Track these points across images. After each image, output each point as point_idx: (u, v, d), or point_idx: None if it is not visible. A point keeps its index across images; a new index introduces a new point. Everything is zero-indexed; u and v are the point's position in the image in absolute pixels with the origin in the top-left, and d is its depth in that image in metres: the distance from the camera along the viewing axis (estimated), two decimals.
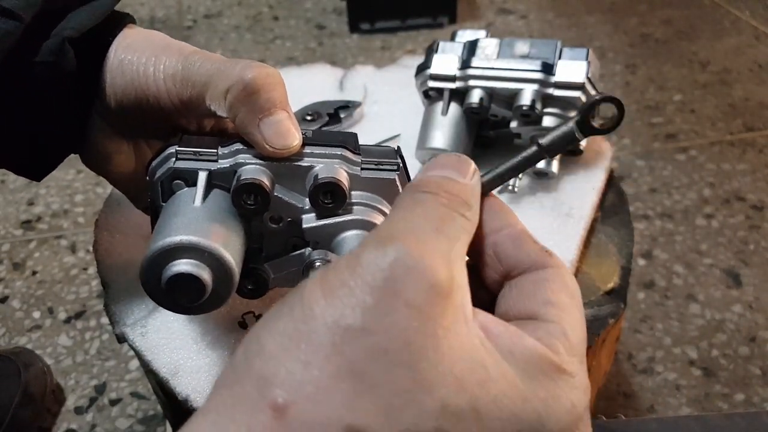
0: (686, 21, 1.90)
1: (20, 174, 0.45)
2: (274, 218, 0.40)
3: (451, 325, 0.22)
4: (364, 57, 1.80)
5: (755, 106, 1.55)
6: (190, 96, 0.40)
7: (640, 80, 1.65)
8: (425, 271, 0.22)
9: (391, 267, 0.22)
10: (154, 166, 0.40)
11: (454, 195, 0.27)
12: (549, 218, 0.61)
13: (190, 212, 0.37)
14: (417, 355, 0.21)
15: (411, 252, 0.22)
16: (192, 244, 0.35)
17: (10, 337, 1.08)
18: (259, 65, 0.38)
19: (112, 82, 0.41)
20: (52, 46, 0.39)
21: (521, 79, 0.61)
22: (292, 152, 0.38)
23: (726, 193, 1.31)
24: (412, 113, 0.70)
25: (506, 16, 1.98)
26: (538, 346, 0.24)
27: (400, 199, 0.27)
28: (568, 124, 0.30)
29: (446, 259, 0.23)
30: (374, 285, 0.22)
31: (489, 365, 0.22)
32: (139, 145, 0.46)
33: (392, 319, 0.21)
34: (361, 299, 0.21)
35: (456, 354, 0.22)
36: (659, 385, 0.98)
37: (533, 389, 0.23)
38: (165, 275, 0.35)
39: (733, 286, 1.12)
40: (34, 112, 0.41)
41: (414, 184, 0.27)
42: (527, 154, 0.31)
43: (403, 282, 0.22)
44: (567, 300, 0.27)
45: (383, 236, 0.23)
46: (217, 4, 2.10)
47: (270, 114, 0.38)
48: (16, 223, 1.31)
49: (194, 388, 0.47)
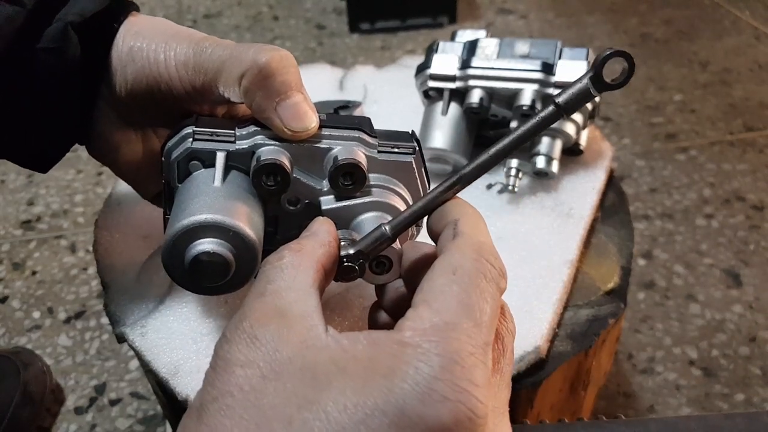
0: (686, 21, 1.90)
1: (25, 166, 0.44)
2: (292, 200, 0.40)
3: (291, 354, 0.26)
4: (364, 57, 1.80)
5: (755, 106, 1.55)
6: (203, 82, 0.39)
7: (640, 80, 1.65)
8: (246, 334, 0.27)
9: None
10: (170, 146, 0.40)
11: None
12: (549, 218, 0.61)
13: (211, 192, 0.37)
14: (258, 395, 0.25)
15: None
16: (216, 222, 0.35)
17: (10, 337, 1.08)
18: (272, 48, 0.38)
19: (122, 70, 0.41)
20: (55, 32, 0.38)
21: (521, 79, 0.61)
22: (310, 134, 0.38)
23: (726, 193, 1.31)
24: (412, 113, 0.70)
25: (506, 16, 1.98)
26: (376, 336, 0.26)
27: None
28: (582, 81, 0.30)
29: (269, 309, 0.28)
30: (210, 368, 0.28)
31: (330, 372, 0.25)
32: (147, 134, 0.45)
33: (231, 378, 0.26)
34: (206, 381, 0.28)
35: (298, 377, 0.25)
36: (659, 385, 0.98)
37: (373, 369, 0.25)
38: (188, 255, 0.35)
39: (733, 286, 1.12)
40: (38, 99, 0.40)
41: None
42: (545, 114, 0.31)
43: (230, 349, 0.27)
44: (442, 280, 0.28)
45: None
46: (217, 4, 2.10)
47: (287, 97, 0.37)
48: (16, 223, 1.31)
49: (194, 388, 0.47)
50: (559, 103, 0.30)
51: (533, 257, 0.57)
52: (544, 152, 0.62)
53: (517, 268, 0.55)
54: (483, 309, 0.27)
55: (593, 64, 0.30)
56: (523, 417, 0.52)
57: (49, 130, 0.42)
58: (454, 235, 0.30)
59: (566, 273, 0.55)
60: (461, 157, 0.64)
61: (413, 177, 0.41)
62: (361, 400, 0.24)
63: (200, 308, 0.52)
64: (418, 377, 0.24)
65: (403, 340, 0.26)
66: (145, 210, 0.61)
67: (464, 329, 0.26)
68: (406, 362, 0.25)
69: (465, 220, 0.31)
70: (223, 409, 0.25)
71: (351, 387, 0.25)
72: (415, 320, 0.26)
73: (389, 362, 0.25)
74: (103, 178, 1.40)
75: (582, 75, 0.30)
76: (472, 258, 0.28)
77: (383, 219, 0.38)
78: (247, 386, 0.25)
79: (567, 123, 0.61)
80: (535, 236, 0.58)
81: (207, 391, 0.26)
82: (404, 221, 0.33)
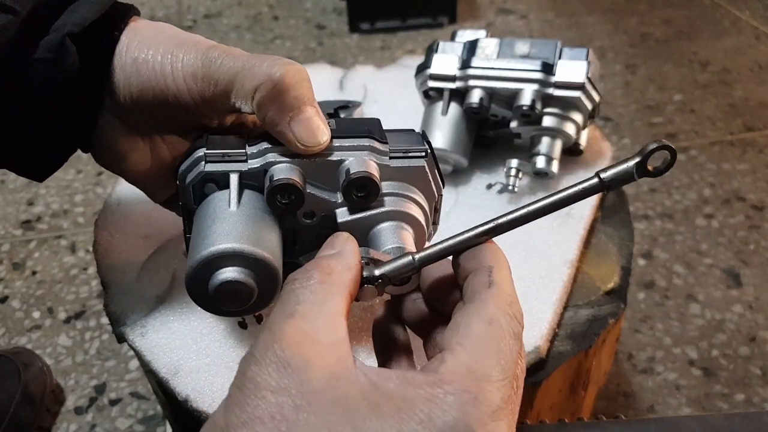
0: (686, 21, 1.90)
1: (22, 174, 0.44)
2: (308, 214, 0.40)
3: (323, 385, 0.26)
4: (364, 57, 1.80)
5: (755, 106, 1.55)
6: (213, 94, 0.39)
7: (640, 80, 1.65)
8: (277, 358, 0.26)
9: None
10: (184, 170, 0.40)
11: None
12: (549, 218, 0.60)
13: (228, 218, 0.37)
14: (290, 426, 0.25)
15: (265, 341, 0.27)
16: (236, 251, 0.35)
17: (10, 337, 1.08)
18: (286, 62, 0.38)
19: (127, 82, 0.40)
20: (52, 43, 0.38)
21: (521, 79, 0.61)
22: (322, 148, 0.38)
23: (726, 193, 1.31)
24: (412, 113, 0.70)
25: (506, 16, 1.98)
26: (410, 376, 0.27)
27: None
28: (629, 164, 0.32)
29: (299, 333, 0.27)
30: (236, 388, 0.27)
31: (362, 409, 0.25)
32: (155, 141, 0.45)
33: (262, 404, 0.25)
34: (233, 401, 0.26)
35: (330, 411, 0.25)
36: (659, 385, 0.98)
37: (408, 411, 0.25)
38: (212, 284, 0.36)
39: (733, 286, 1.12)
40: (34, 110, 0.40)
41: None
42: (586, 185, 0.33)
43: (260, 373, 0.26)
44: (479, 328, 0.29)
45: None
46: (217, 4, 2.10)
47: (300, 112, 0.37)
48: (16, 223, 1.31)
49: (194, 388, 0.47)
50: (603, 179, 0.32)
51: (533, 257, 0.57)
52: (544, 152, 0.62)
53: (517, 268, 0.55)
54: (510, 364, 0.28)
55: (641, 152, 0.32)
56: (523, 417, 0.52)
57: (47, 141, 0.42)
58: (489, 283, 0.31)
59: (566, 273, 0.55)
60: (461, 157, 0.64)
61: (427, 180, 0.41)
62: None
63: (200, 308, 0.52)
64: (454, 428, 0.25)
65: (440, 383, 0.26)
66: (145, 210, 0.61)
67: (496, 381, 0.27)
68: (444, 411, 0.25)
69: (499, 269, 0.32)
70: None
71: (386, 428, 0.25)
72: (453, 364, 0.27)
73: (425, 408, 0.25)
74: (103, 178, 1.40)
75: (629, 158, 0.32)
76: (505, 312, 0.30)
77: (399, 229, 0.39)
78: (278, 415, 0.25)
79: (567, 123, 0.61)
80: (535, 236, 0.58)
81: (234, 414, 0.26)
82: (433, 255, 0.34)
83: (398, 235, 0.39)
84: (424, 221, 0.41)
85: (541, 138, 0.62)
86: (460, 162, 0.64)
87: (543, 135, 0.62)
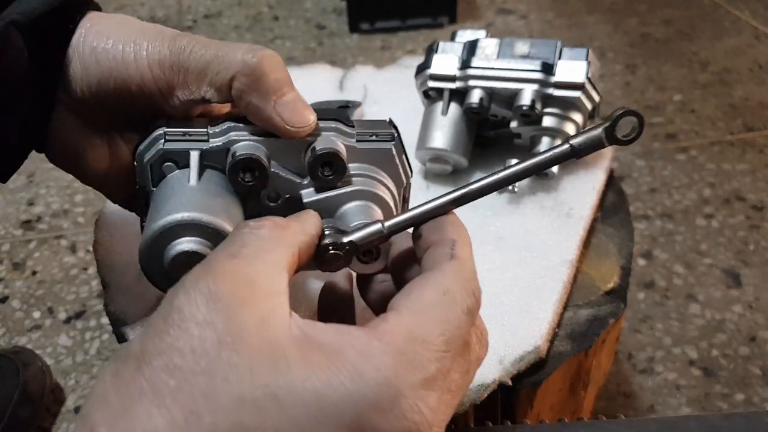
0: (686, 21, 1.90)
1: None
2: (271, 196, 0.40)
3: (251, 327, 0.24)
4: (364, 57, 1.80)
5: (755, 106, 1.55)
6: (183, 82, 0.38)
7: (640, 80, 1.65)
8: (209, 292, 0.25)
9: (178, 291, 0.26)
10: (142, 149, 0.39)
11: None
12: (549, 218, 0.61)
13: (187, 191, 0.36)
14: (210, 362, 0.23)
15: (198, 275, 0.26)
16: (194, 220, 0.34)
17: (10, 337, 1.08)
18: (258, 48, 0.37)
19: (85, 73, 0.38)
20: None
21: (521, 79, 0.61)
22: (312, 128, 0.38)
23: (726, 193, 1.31)
24: (412, 113, 0.70)
25: (506, 16, 1.98)
26: (347, 328, 0.26)
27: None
28: (598, 130, 0.32)
29: (238, 273, 0.26)
30: (159, 315, 0.25)
31: (290, 356, 0.24)
32: (113, 139, 0.42)
33: (184, 336, 0.24)
34: (154, 330, 0.25)
35: (255, 352, 0.24)
36: (659, 385, 0.98)
37: (338, 365, 0.24)
38: (167, 255, 0.34)
39: (733, 286, 1.12)
40: None
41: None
42: (557, 151, 0.33)
43: (188, 303, 0.25)
44: (431, 295, 0.28)
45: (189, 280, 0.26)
46: (217, 4, 2.10)
47: (283, 94, 0.37)
48: (16, 223, 1.31)
49: None
50: (573, 144, 0.33)
51: (533, 257, 0.57)
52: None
53: (517, 268, 0.55)
54: (456, 338, 0.27)
55: (609, 118, 0.32)
56: (523, 417, 0.52)
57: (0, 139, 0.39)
58: (451, 255, 0.30)
59: (566, 273, 0.55)
60: (461, 157, 0.64)
61: (394, 164, 0.40)
62: (320, 397, 0.23)
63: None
64: (384, 389, 0.24)
65: (377, 340, 0.25)
66: None
67: (435, 351, 0.26)
68: (376, 368, 0.25)
69: (462, 243, 0.31)
70: (169, 368, 0.23)
71: (312, 379, 0.24)
72: (395, 324, 0.26)
73: (357, 362, 0.24)
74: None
75: (598, 124, 0.33)
76: (462, 286, 0.29)
77: (368, 207, 0.38)
78: (199, 349, 0.24)
79: (567, 123, 0.61)
80: (535, 236, 0.58)
81: (153, 342, 0.24)
82: (402, 223, 0.33)
83: (367, 213, 0.38)
84: (393, 204, 0.40)
85: (541, 138, 0.62)
86: (460, 162, 0.64)
87: (543, 135, 0.62)
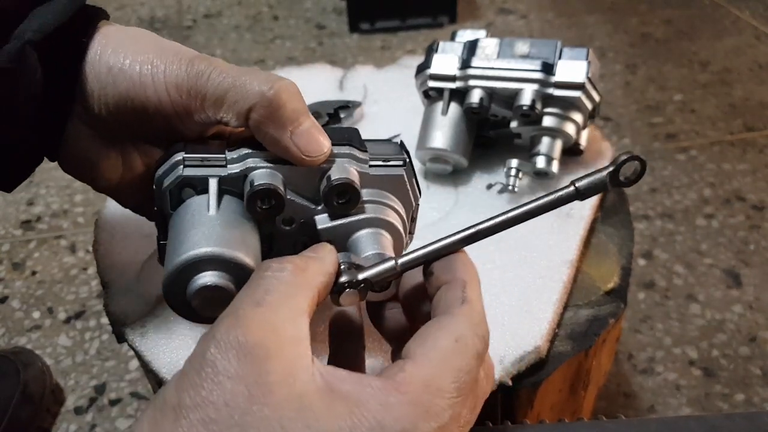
0: (686, 21, 1.90)
1: None
2: (287, 220, 0.40)
3: (280, 379, 0.26)
4: (364, 57, 1.80)
5: (755, 106, 1.55)
6: (199, 107, 0.38)
7: (640, 80, 1.65)
8: (239, 344, 0.26)
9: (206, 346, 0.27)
10: (161, 174, 0.39)
11: None
12: (549, 218, 0.60)
13: (207, 222, 0.37)
14: (243, 415, 0.25)
15: (227, 327, 0.27)
16: (215, 255, 0.35)
17: (9, 337, 1.08)
18: (275, 78, 0.37)
19: (103, 92, 0.39)
20: (11, 51, 0.36)
21: (521, 79, 0.61)
22: (326, 156, 0.38)
23: (726, 193, 1.31)
24: (412, 113, 0.70)
25: (506, 16, 1.98)
26: (367, 380, 0.28)
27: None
28: (602, 174, 0.34)
29: (264, 323, 0.27)
30: (192, 367, 0.27)
31: (316, 408, 0.26)
32: (127, 150, 0.43)
33: (217, 390, 0.26)
34: (189, 382, 0.26)
35: (284, 405, 0.26)
36: (659, 385, 0.98)
37: (360, 416, 0.26)
38: (190, 289, 0.35)
39: (733, 286, 1.12)
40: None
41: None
42: (562, 193, 0.35)
43: (220, 357, 0.26)
44: (445, 343, 0.30)
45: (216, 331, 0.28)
46: (216, 4, 2.10)
47: (299, 124, 0.37)
48: (16, 223, 1.31)
49: None
50: (578, 187, 0.34)
51: (533, 257, 0.57)
52: (544, 152, 0.62)
53: (517, 268, 0.55)
54: (467, 383, 0.29)
55: (613, 163, 0.34)
56: (523, 417, 0.52)
57: (10, 153, 0.40)
58: (462, 299, 0.32)
59: (566, 273, 0.55)
60: (461, 157, 0.64)
61: (405, 189, 0.41)
62: None
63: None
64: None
65: (395, 390, 0.27)
66: None
67: (449, 398, 0.28)
68: (395, 419, 0.26)
69: (472, 285, 0.33)
70: (205, 421, 0.25)
71: (336, 429, 0.25)
72: (412, 374, 0.28)
73: (377, 413, 0.26)
74: None
75: (603, 168, 0.34)
76: (473, 332, 0.30)
77: (379, 235, 0.39)
78: (233, 403, 0.25)
79: (567, 123, 0.61)
80: (535, 236, 0.58)
81: (189, 395, 0.26)
82: (415, 261, 0.34)
83: (378, 241, 0.39)
84: (402, 229, 0.41)
85: (541, 138, 0.62)
86: (460, 162, 0.64)
87: (543, 135, 0.62)
